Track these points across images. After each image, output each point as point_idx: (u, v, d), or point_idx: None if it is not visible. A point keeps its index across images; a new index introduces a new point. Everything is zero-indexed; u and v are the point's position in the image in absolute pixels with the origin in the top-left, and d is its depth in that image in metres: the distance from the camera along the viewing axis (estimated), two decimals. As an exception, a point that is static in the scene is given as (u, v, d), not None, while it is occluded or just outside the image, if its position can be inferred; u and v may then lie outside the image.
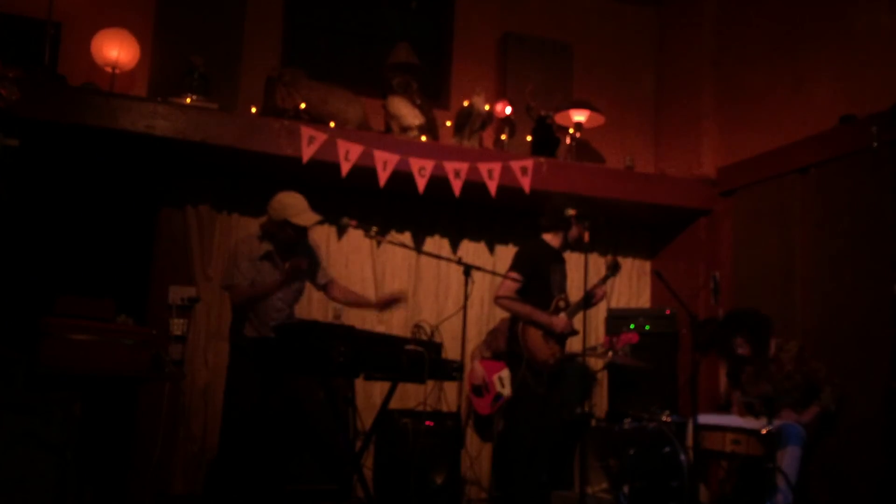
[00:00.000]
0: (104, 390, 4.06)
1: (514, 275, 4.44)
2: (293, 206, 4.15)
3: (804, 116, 5.34)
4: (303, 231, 4.21)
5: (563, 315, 4.46)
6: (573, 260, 6.19)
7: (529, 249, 4.63)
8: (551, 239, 4.60)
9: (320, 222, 4.28)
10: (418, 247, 5.89)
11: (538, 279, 4.47)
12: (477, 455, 5.76)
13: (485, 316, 6.04)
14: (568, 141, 6.06)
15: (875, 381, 4.48)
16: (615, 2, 6.87)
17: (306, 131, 5.12)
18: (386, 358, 3.88)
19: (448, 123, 5.95)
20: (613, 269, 4.64)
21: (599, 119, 6.11)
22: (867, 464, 4.47)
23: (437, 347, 4.16)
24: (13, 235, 4.82)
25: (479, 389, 5.44)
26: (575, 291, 4.67)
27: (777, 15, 5.76)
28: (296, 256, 4.15)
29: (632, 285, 6.58)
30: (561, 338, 4.49)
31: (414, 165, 5.28)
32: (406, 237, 5.96)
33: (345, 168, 5.16)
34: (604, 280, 4.62)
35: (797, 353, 4.71)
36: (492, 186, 5.45)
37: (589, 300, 4.54)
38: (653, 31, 6.93)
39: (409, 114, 5.61)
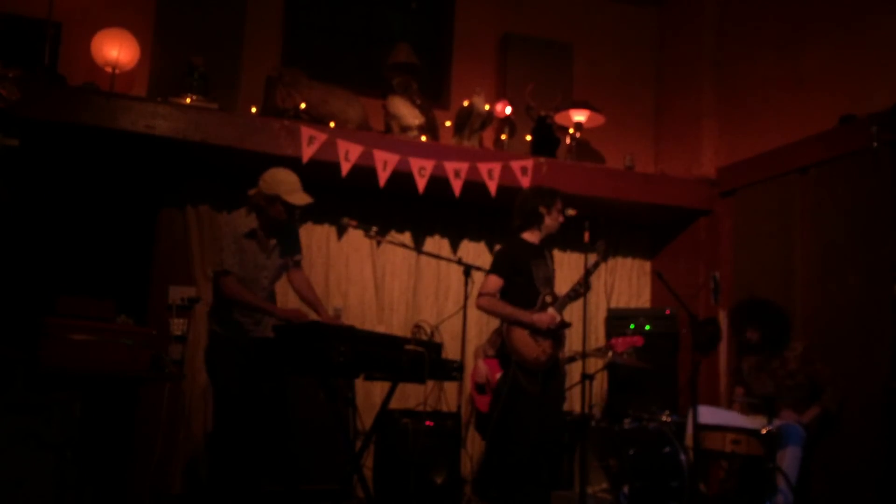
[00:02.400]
0: (104, 390, 4.06)
1: (492, 278, 4.41)
2: (287, 182, 4.05)
3: (804, 116, 5.34)
4: (292, 210, 4.10)
5: (550, 310, 4.40)
6: (574, 259, 6.25)
7: (506, 250, 4.59)
8: (529, 236, 4.55)
9: (312, 206, 4.16)
10: (418, 247, 5.89)
11: (520, 278, 4.41)
12: (477, 455, 5.76)
13: (485, 316, 6.00)
14: (568, 141, 6.07)
15: (875, 381, 4.47)
16: (615, 2, 6.87)
17: (306, 131, 5.12)
18: (386, 358, 3.88)
19: (448, 123, 5.96)
20: (605, 255, 4.56)
21: (599, 119, 6.11)
22: (867, 464, 4.47)
23: (437, 347, 4.15)
24: (13, 235, 4.82)
25: (482, 387, 5.44)
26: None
27: (777, 15, 5.77)
28: (295, 312, 4.06)
29: (632, 285, 6.58)
30: (552, 334, 4.45)
31: (414, 165, 5.29)
32: (406, 237, 5.96)
33: (345, 168, 5.17)
34: (595, 265, 4.50)
35: (802, 352, 4.71)
36: (492, 186, 5.45)
37: (578, 291, 4.46)
38: (653, 31, 6.93)
39: (409, 114, 5.61)
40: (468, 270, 4.61)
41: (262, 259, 4.14)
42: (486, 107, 5.75)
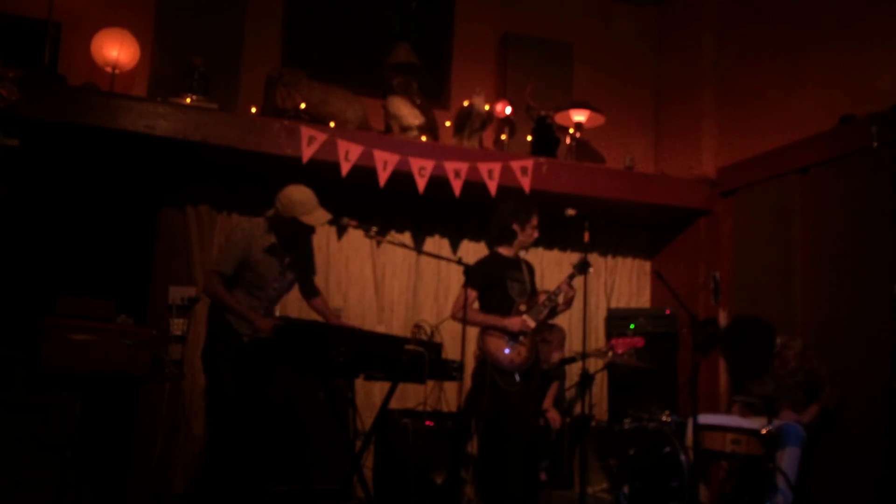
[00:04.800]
0: (104, 390, 4.05)
1: (468, 291, 4.52)
2: (303, 203, 4.02)
3: (804, 116, 5.34)
4: (311, 230, 4.14)
5: (522, 316, 4.51)
6: (574, 259, 6.24)
7: (480, 264, 4.72)
8: (504, 250, 4.69)
9: (330, 221, 4.17)
10: (418, 247, 5.89)
11: (494, 290, 4.56)
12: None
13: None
14: (568, 141, 6.07)
15: (875, 381, 4.48)
16: (615, 2, 6.87)
17: (306, 131, 5.12)
18: (386, 358, 3.88)
19: (448, 123, 5.95)
20: (581, 269, 4.62)
21: (599, 119, 6.11)
22: (867, 464, 4.47)
23: (437, 347, 4.16)
24: (13, 235, 4.82)
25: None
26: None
27: (777, 15, 5.77)
28: (272, 320, 4.06)
29: (632, 285, 6.58)
30: (528, 338, 4.54)
31: (414, 165, 5.29)
32: (406, 237, 5.96)
33: (345, 168, 5.17)
34: (570, 278, 4.61)
35: (801, 350, 4.71)
36: (492, 186, 5.45)
37: (554, 306, 4.61)
38: (653, 31, 6.93)
39: (409, 114, 5.61)
40: (468, 270, 4.61)
41: (276, 272, 4.15)
42: (486, 107, 5.74)
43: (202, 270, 5.40)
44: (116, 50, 5.21)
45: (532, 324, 4.52)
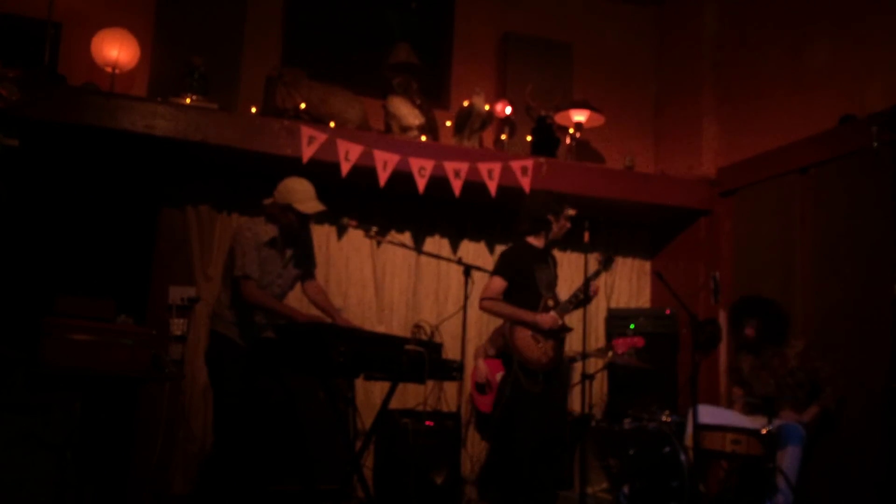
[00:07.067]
0: (104, 390, 4.06)
1: (496, 279, 4.44)
2: (299, 191, 4.09)
3: (804, 116, 5.34)
4: (305, 218, 4.14)
5: (552, 312, 4.43)
6: (574, 259, 6.25)
7: (510, 253, 4.63)
8: (534, 240, 4.58)
9: (322, 213, 4.18)
10: (418, 247, 5.89)
11: (523, 281, 4.45)
12: (477, 455, 5.76)
13: (485, 316, 5.99)
14: (568, 141, 6.07)
15: (875, 381, 4.47)
16: (615, 2, 6.87)
17: (306, 131, 5.12)
18: (386, 358, 3.88)
19: (448, 123, 5.95)
20: (606, 264, 4.59)
21: (599, 119, 6.11)
22: (867, 464, 4.47)
23: (437, 347, 4.15)
24: (13, 235, 4.82)
25: (483, 387, 5.45)
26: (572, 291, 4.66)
27: (777, 15, 5.77)
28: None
29: (632, 285, 6.58)
30: (553, 336, 4.46)
31: (414, 165, 5.29)
32: (406, 237, 5.96)
33: (345, 168, 5.17)
34: (595, 275, 4.56)
35: (802, 350, 4.71)
36: (492, 186, 5.45)
37: (585, 295, 4.50)
38: (653, 31, 6.94)
39: (409, 114, 5.61)
40: (468, 270, 4.62)
41: (279, 268, 4.15)
42: (486, 107, 5.75)
43: (202, 271, 5.42)
44: (116, 50, 5.22)
45: (561, 321, 4.44)
